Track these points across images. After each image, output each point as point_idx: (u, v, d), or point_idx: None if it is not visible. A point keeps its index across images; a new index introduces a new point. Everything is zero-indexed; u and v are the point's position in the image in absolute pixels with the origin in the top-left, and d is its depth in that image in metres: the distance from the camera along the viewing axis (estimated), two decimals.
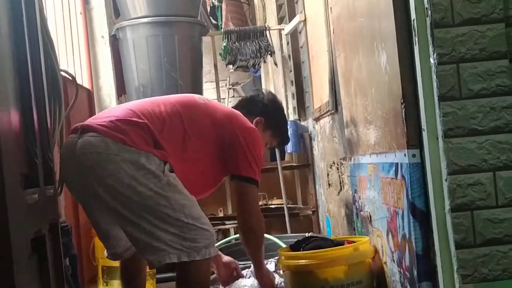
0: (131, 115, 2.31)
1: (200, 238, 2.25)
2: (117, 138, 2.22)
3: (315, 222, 4.86)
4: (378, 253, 2.59)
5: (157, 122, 2.32)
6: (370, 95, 2.49)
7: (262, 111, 2.77)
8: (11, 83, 1.25)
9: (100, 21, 4.62)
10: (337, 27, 3.12)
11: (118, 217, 2.26)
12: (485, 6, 1.83)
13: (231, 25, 6.67)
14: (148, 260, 2.27)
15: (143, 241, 2.23)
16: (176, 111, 2.40)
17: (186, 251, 2.22)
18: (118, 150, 2.20)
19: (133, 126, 2.27)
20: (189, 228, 2.23)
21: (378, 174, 2.45)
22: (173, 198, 2.23)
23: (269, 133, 2.81)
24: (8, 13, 1.29)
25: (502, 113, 1.82)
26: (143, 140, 2.26)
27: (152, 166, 2.22)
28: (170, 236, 2.21)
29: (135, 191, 2.19)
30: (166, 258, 2.21)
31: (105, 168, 2.19)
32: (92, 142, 2.23)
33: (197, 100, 2.52)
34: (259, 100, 2.82)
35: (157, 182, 2.22)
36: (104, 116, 2.36)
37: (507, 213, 1.81)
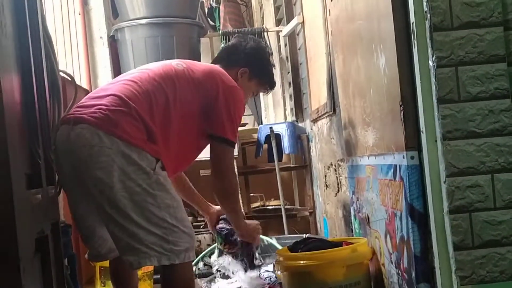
0: (119, 103, 2.27)
1: (181, 242, 2.25)
2: (110, 131, 2.20)
3: (312, 223, 4.88)
4: (376, 255, 2.60)
5: (144, 103, 2.30)
6: (369, 97, 2.50)
7: (245, 61, 2.71)
8: (16, 83, 1.26)
9: (99, 22, 4.63)
10: (336, 29, 3.13)
11: (103, 214, 2.24)
12: (484, 9, 1.84)
13: (229, 26, 6.68)
14: (128, 261, 2.24)
15: (124, 241, 2.22)
16: (158, 85, 2.37)
17: (166, 254, 2.21)
18: (111, 144, 2.19)
19: (125, 116, 2.25)
20: (172, 230, 2.23)
21: (377, 175, 2.46)
22: (160, 197, 2.23)
23: (255, 82, 2.76)
24: (12, 13, 1.30)
25: (501, 116, 1.83)
26: (137, 130, 2.24)
27: (144, 162, 2.22)
28: (153, 238, 2.20)
29: (124, 186, 2.18)
30: (147, 260, 2.21)
31: (97, 161, 2.18)
32: (85, 135, 2.20)
33: (175, 67, 2.48)
34: (242, 50, 2.74)
35: (146, 179, 2.21)
36: (92, 104, 2.30)
37: (505, 215, 1.83)
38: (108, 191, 2.18)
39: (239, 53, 2.73)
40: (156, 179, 2.24)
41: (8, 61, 1.17)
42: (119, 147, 2.19)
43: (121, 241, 2.23)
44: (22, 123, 1.29)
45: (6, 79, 1.07)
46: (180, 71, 2.46)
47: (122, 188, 2.18)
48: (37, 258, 1.30)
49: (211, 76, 2.49)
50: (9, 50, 1.20)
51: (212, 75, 2.50)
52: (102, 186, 2.19)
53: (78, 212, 2.38)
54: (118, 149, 2.19)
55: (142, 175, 2.21)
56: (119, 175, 2.18)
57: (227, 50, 2.82)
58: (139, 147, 2.23)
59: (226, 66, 2.66)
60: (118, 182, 2.18)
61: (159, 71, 2.45)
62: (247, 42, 2.77)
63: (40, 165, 1.43)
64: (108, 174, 2.17)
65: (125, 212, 2.19)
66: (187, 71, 2.47)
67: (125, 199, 2.19)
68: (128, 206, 2.19)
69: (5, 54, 1.11)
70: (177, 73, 2.45)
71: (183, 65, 2.52)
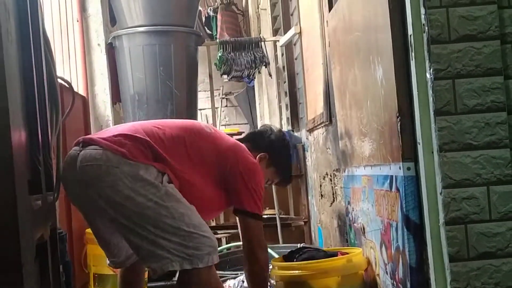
0: (134, 131, 2.35)
1: (202, 246, 2.27)
2: (117, 151, 2.25)
3: (307, 232, 4.88)
4: (371, 265, 2.61)
5: (159, 142, 2.35)
6: (366, 108, 2.52)
7: (268, 147, 2.76)
8: (19, 90, 1.27)
9: (97, 29, 4.64)
10: (333, 40, 3.15)
11: (120, 227, 2.28)
12: (481, 23, 1.86)
13: (226, 35, 6.72)
14: (151, 268, 2.27)
15: (145, 249, 2.24)
16: (180, 135, 2.42)
17: (189, 258, 2.23)
18: (117, 163, 2.23)
19: (134, 141, 2.30)
20: (191, 236, 2.25)
21: (373, 186, 2.47)
22: (173, 208, 2.25)
23: (272, 170, 2.80)
24: (16, 20, 1.31)
25: (497, 129, 1.85)
26: (142, 154, 2.29)
27: (151, 177, 2.25)
28: (173, 245, 2.22)
29: (135, 203, 2.21)
30: (169, 265, 2.22)
31: (105, 180, 2.22)
32: (93, 154, 2.26)
33: (203, 128, 2.54)
34: (267, 136, 2.80)
35: (156, 192, 2.24)
36: (107, 131, 2.42)
37: (500, 227, 1.84)
38: (120, 208, 2.22)
39: (264, 138, 2.80)
40: (165, 191, 2.26)
41: (13, 69, 1.18)
42: (126, 166, 2.23)
43: (142, 250, 2.26)
44: (24, 130, 1.30)
45: (12, 87, 1.08)
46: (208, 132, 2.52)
47: (133, 205, 2.22)
48: (37, 264, 1.31)
49: (232, 148, 2.53)
50: (14, 58, 1.21)
51: (233, 149, 2.53)
52: (113, 204, 2.23)
53: (91, 225, 2.46)
54: (124, 168, 2.23)
55: (152, 189, 2.24)
56: (128, 192, 2.21)
57: (253, 134, 2.90)
58: (145, 164, 2.27)
59: (250, 148, 2.68)
60: (128, 199, 2.21)
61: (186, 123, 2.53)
62: (272, 131, 2.84)
63: (40, 171, 1.44)
64: (117, 192, 2.21)
65: (141, 225, 2.23)
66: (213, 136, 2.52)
67: (139, 215, 2.22)
68: (143, 220, 2.23)
69: (10, 62, 1.12)
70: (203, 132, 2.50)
71: (213, 130, 2.58)
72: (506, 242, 1.83)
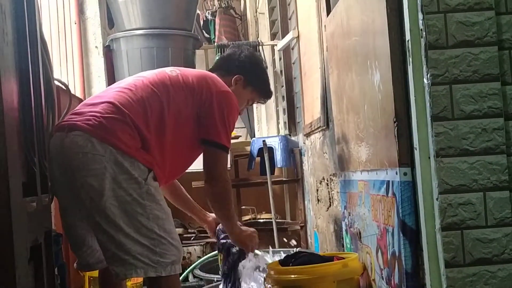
0: (113, 110, 2.28)
1: (168, 254, 2.25)
2: (104, 138, 2.21)
3: (303, 237, 4.87)
4: (366, 270, 2.61)
5: (138, 110, 2.31)
6: (363, 113, 2.52)
7: (240, 68, 2.73)
8: (15, 91, 1.26)
9: (95, 32, 4.64)
10: (331, 45, 3.15)
11: (92, 223, 2.24)
12: (478, 29, 1.86)
13: (224, 39, 6.71)
14: (115, 271, 2.24)
15: (111, 251, 2.22)
16: (153, 92, 2.38)
17: (153, 266, 2.21)
18: (104, 151, 2.20)
19: (119, 123, 2.26)
20: (160, 241, 2.23)
21: (369, 191, 2.47)
22: (149, 208, 2.24)
23: (250, 90, 2.77)
24: (12, 21, 1.31)
25: (494, 135, 1.85)
26: (131, 138, 2.25)
27: (136, 172, 2.23)
28: (140, 249, 2.20)
29: (114, 194, 2.19)
30: (133, 272, 2.20)
31: (90, 168, 2.18)
32: (79, 142, 2.20)
33: (169, 74, 2.50)
34: (236, 58, 2.77)
35: (137, 189, 2.22)
36: (87, 111, 2.31)
37: (496, 233, 1.84)
38: (98, 198, 2.18)
39: (233, 61, 2.76)
40: (147, 189, 2.24)
41: (9, 70, 1.17)
42: (112, 155, 2.20)
43: (108, 251, 2.23)
44: (19, 131, 1.29)
45: (7, 88, 1.07)
46: (174, 77, 2.48)
47: (112, 196, 2.19)
48: (31, 266, 1.30)
49: (204, 81, 2.50)
50: (10, 59, 1.20)
51: (205, 81, 2.51)
52: (93, 193, 2.18)
53: (68, 221, 2.38)
54: (111, 157, 2.20)
55: (133, 185, 2.22)
56: (110, 183, 2.18)
57: (222, 59, 2.86)
58: (132, 157, 2.23)
59: (221, 74, 2.67)
60: (109, 190, 2.18)
61: (153, 78, 2.46)
62: (241, 51, 2.80)
63: (35, 173, 1.43)
64: (100, 181, 2.18)
65: (114, 220, 2.19)
66: (181, 77, 2.49)
67: (115, 208, 2.19)
68: (117, 215, 2.19)
69: (6, 63, 1.11)
70: (171, 79, 2.47)
71: (177, 71, 2.54)
72: (502, 248, 1.83)
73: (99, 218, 2.20)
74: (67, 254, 3.42)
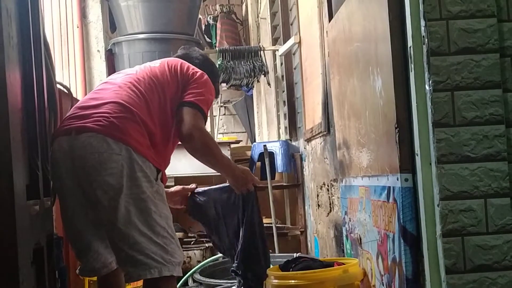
0: (121, 110, 2.30)
1: (176, 254, 2.28)
2: (118, 137, 2.23)
3: (303, 242, 4.87)
4: (367, 276, 2.60)
5: (142, 106, 2.35)
6: (364, 119, 2.52)
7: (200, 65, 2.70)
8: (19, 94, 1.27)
9: (97, 35, 4.66)
10: (333, 50, 3.16)
11: (107, 224, 2.25)
12: (480, 36, 1.87)
13: (225, 43, 6.73)
14: (128, 272, 2.25)
15: (124, 251, 2.22)
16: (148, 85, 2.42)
17: (167, 265, 2.23)
18: (119, 150, 2.22)
19: (129, 122, 2.28)
20: (171, 241, 2.27)
21: (370, 196, 2.47)
22: (160, 206, 2.28)
23: None
24: (17, 25, 1.31)
25: (495, 142, 1.85)
26: (141, 136, 2.28)
27: (148, 170, 2.26)
28: (154, 248, 2.21)
29: (131, 192, 2.21)
30: (147, 272, 2.21)
31: (107, 167, 2.20)
32: (93, 143, 2.22)
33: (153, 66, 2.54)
34: (195, 56, 2.78)
35: (149, 187, 2.25)
36: (91, 114, 2.30)
37: (497, 240, 1.84)
38: (117, 196, 2.20)
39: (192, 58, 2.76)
40: (157, 189, 2.29)
41: (14, 73, 1.18)
42: (128, 153, 2.23)
43: (121, 252, 2.24)
44: (23, 134, 1.30)
45: (12, 91, 1.08)
46: (159, 67, 2.52)
47: (129, 194, 2.21)
48: (33, 269, 1.30)
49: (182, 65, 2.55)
50: (15, 62, 1.21)
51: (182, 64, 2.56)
52: (112, 191, 2.20)
53: (75, 226, 2.38)
54: (127, 155, 2.23)
55: (146, 183, 2.25)
56: (127, 181, 2.21)
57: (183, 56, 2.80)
58: (144, 156, 2.26)
59: None
60: (126, 188, 2.21)
61: (142, 72, 2.50)
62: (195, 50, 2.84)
63: (38, 176, 1.43)
64: (119, 179, 2.20)
65: (129, 218, 2.21)
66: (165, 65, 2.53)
67: (131, 206, 2.22)
68: (133, 212, 2.21)
69: (12, 66, 1.12)
70: (159, 70, 2.50)
71: (158, 62, 2.59)
72: (503, 255, 1.83)
73: (114, 217, 2.20)
74: (67, 258, 3.43)
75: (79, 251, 2.43)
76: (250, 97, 7.21)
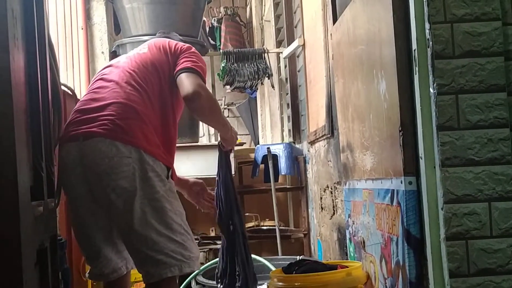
0: (124, 110, 2.29)
1: (194, 249, 2.30)
2: (126, 140, 2.23)
3: (307, 245, 4.87)
4: (370, 279, 2.60)
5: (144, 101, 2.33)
6: (368, 122, 2.52)
7: None
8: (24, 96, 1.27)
9: (101, 37, 4.67)
10: (337, 53, 3.16)
11: (123, 227, 2.26)
12: (485, 39, 1.87)
13: (229, 46, 6.74)
14: (148, 272, 2.24)
15: (143, 253, 2.23)
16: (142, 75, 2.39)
17: (187, 261, 2.25)
18: (129, 152, 2.22)
19: (135, 122, 2.27)
20: (187, 237, 2.28)
21: (373, 200, 2.47)
22: (174, 204, 2.29)
23: None
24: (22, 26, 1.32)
25: (499, 145, 1.85)
26: (148, 133, 2.28)
27: (159, 169, 2.27)
28: (173, 246, 2.22)
29: (145, 193, 2.22)
30: (168, 271, 2.22)
31: (119, 171, 2.20)
32: (102, 148, 2.22)
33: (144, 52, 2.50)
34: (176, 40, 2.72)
35: (162, 186, 2.26)
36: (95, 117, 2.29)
37: (501, 244, 1.83)
38: (131, 199, 2.20)
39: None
40: (169, 187, 2.30)
41: (19, 74, 1.18)
42: (137, 155, 2.23)
43: (140, 254, 2.25)
44: (28, 136, 1.30)
45: (17, 93, 1.08)
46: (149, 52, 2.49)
47: (143, 195, 2.22)
48: (37, 270, 1.30)
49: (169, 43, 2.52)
50: (20, 63, 1.21)
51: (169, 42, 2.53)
52: (126, 195, 2.21)
53: (85, 232, 2.38)
54: (137, 156, 2.23)
55: (159, 182, 2.26)
56: (140, 182, 2.22)
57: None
58: (154, 156, 2.26)
59: None
60: (140, 189, 2.22)
61: (133, 62, 2.45)
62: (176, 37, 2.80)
63: (42, 177, 1.43)
64: (132, 182, 2.21)
65: (146, 219, 2.22)
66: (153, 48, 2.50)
67: (146, 206, 2.22)
68: (148, 213, 2.22)
69: (17, 67, 1.12)
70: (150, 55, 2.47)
71: (146, 46, 2.54)
72: (507, 258, 1.83)
73: (131, 220, 2.21)
74: (70, 259, 3.43)
75: (89, 256, 2.44)
76: (254, 99, 7.22)
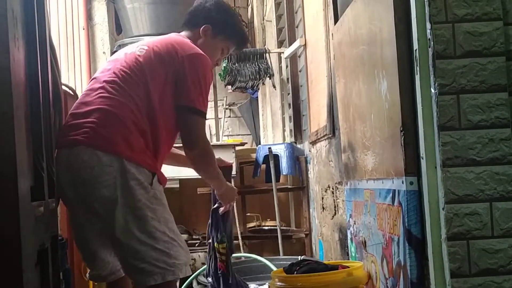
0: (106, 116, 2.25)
1: (180, 255, 2.27)
2: (107, 149, 2.20)
3: (308, 245, 4.87)
4: (371, 279, 2.60)
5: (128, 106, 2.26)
6: (369, 122, 2.52)
7: (207, 18, 2.56)
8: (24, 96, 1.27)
9: (102, 37, 4.67)
10: (338, 53, 3.16)
11: (108, 235, 2.27)
12: (486, 39, 1.87)
13: None
14: (135, 280, 2.28)
15: (128, 261, 2.24)
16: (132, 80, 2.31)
17: (170, 269, 2.23)
18: (110, 162, 2.20)
19: (116, 128, 2.23)
20: (173, 244, 2.25)
21: (375, 200, 2.46)
22: (159, 211, 2.26)
23: (221, 38, 2.60)
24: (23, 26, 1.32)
25: (500, 145, 1.85)
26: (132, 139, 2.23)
27: (142, 177, 2.23)
28: (156, 254, 2.21)
29: (126, 202, 2.20)
30: (151, 279, 2.21)
31: (101, 181, 2.19)
32: (83, 157, 2.20)
33: (139, 54, 2.39)
34: (202, 9, 2.60)
35: (144, 194, 2.23)
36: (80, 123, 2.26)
37: (502, 244, 1.83)
38: (112, 208, 2.20)
39: (199, 12, 2.61)
40: (153, 194, 2.26)
41: (20, 74, 1.18)
42: (119, 163, 2.21)
43: (125, 261, 2.26)
44: (28, 136, 1.30)
45: (17, 92, 1.08)
46: (146, 56, 2.38)
47: (124, 204, 2.20)
48: (38, 271, 1.30)
49: (171, 48, 2.39)
50: (20, 64, 1.21)
51: (172, 46, 2.40)
52: (108, 204, 2.20)
53: (81, 235, 2.39)
54: (118, 165, 2.21)
55: (141, 190, 2.23)
56: (121, 191, 2.20)
57: (189, 13, 2.66)
58: (137, 163, 2.24)
59: (189, 29, 2.58)
60: (121, 198, 2.20)
61: (126, 64, 2.36)
62: (206, 1, 2.63)
63: (43, 178, 1.43)
64: (113, 191, 2.19)
65: (127, 228, 2.21)
66: (151, 52, 2.38)
67: (128, 215, 2.21)
68: (130, 221, 2.21)
69: (17, 67, 1.12)
70: (144, 59, 2.37)
71: (145, 47, 2.42)
72: (508, 259, 1.83)
73: (113, 229, 2.21)
74: (71, 259, 3.43)
75: (86, 259, 2.45)
76: (255, 99, 7.21)
